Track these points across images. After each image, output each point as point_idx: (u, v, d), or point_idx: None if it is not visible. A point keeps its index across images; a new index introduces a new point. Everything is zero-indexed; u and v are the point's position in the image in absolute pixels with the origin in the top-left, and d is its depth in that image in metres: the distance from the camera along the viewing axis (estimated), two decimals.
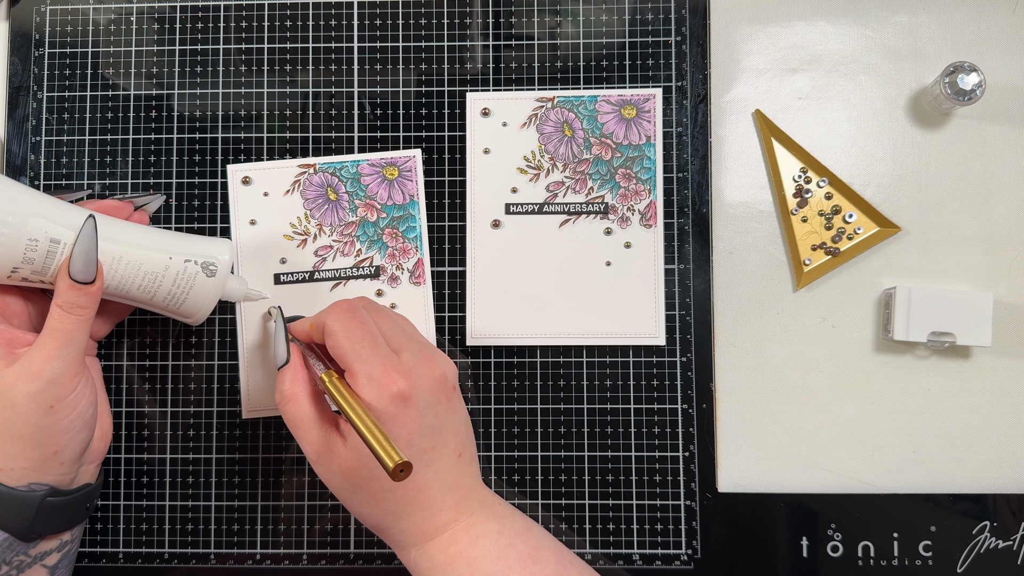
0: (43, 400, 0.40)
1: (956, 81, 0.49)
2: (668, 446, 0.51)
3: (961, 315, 0.49)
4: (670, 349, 0.51)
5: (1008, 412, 0.51)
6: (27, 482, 0.41)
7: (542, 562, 0.40)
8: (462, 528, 0.41)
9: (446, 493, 0.41)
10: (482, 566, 0.40)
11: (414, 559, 0.41)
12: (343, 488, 0.41)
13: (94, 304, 0.41)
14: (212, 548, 0.51)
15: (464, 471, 0.42)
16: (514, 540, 0.41)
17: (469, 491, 0.42)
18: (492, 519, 0.42)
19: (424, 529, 0.41)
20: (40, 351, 0.40)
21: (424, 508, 0.41)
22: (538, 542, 0.41)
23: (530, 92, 0.52)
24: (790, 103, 0.52)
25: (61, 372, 0.40)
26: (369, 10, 0.53)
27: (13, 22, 0.53)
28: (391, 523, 0.41)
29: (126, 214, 0.47)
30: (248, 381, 0.51)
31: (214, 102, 0.53)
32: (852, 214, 0.51)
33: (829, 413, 0.51)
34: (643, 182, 0.52)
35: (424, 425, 0.40)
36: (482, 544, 0.40)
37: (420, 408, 0.40)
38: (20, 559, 0.42)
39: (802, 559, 0.50)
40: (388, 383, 0.39)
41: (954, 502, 0.50)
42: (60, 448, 0.41)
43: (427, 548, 0.41)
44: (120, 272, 0.43)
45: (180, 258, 0.44)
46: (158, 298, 0.45)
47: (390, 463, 0.36)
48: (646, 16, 0.53)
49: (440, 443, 0.41)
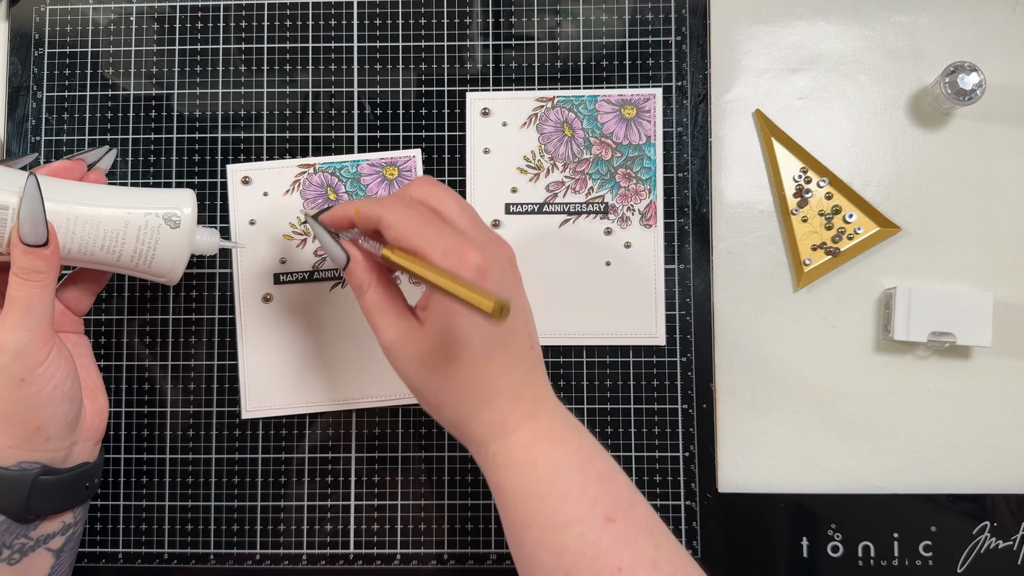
0: (12, 373, 0.39)
1: (956, 81, 0.49)
2: (668, 446, 0.51)
3: (961, 315, 0.49)
4: (670, 349, 0.51)
5: (1008, 412, 0.51)
6: (15, 461, 0.40)
7: (617, 483, 0.39)
8: (544, 429, 0.40)
9: (524, 383, 0.40)
10: (564, 473, 0.38)
11: (492, 455, 0.39)
12: (419, 377, 0.39)
13: (52, 268, 0.40)
14: (212, 548, 0.51)
15: (537, 365, 0.41)
16: (593, 455, 0.40)
17: (543, 390, 0.41)
18: (571, 428, 0.40)
19: (505, 419, 0.39)
20: (3, 323, 0.39)
21: (504, 396, 0.39)
22: (611, 463, 0.40)
23: (530, 92, 0.52)
24: (790, 103, 0.52)
25: (27, 342, 0.39)
26: (369, 10, 0.53)
27: (13, 22, 0.53)
28: (471, 413, 0.39)
29: (78, 174, 0.45)
30: (248, 381, 0.51)
31: (214, 102, 0.53)
32: (852, 214, 0.51)
33: (829, 413, 0.51)
34: (643, 182, 0.52)
35: None
36: (565, 452, 0.39)
37: (496, 284, 0.38)
38: (21, 542, 0.41)
39: (802, 559, 0.50)
40: (463, 255, 0.37)
41: (954, 502, 0.50)
42: (42, 423, 0.40)
43: (508, 443, 0.39)
44: (79, 233, 0.42)
45: (140, 212, 0.43)
46: (124, 258, 0.43)
47: (488, 304, 0.33)
48: (646, 16, 0.53)
49: (515, 328, 0.40)
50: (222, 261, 0.52)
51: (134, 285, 0.52)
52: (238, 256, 0.52)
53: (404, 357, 0.39)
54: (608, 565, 0.37)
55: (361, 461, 0.51)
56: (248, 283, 0.52)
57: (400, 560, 0.51)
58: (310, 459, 0.51)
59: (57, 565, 0.44)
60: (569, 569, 0.37)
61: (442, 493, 0.51)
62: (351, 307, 0.52)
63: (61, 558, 0.44)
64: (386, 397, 0.51)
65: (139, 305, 0.52)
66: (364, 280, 0.40)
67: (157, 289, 0.52)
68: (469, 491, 0.51)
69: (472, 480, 0.51)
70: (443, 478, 0.51)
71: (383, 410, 0.51)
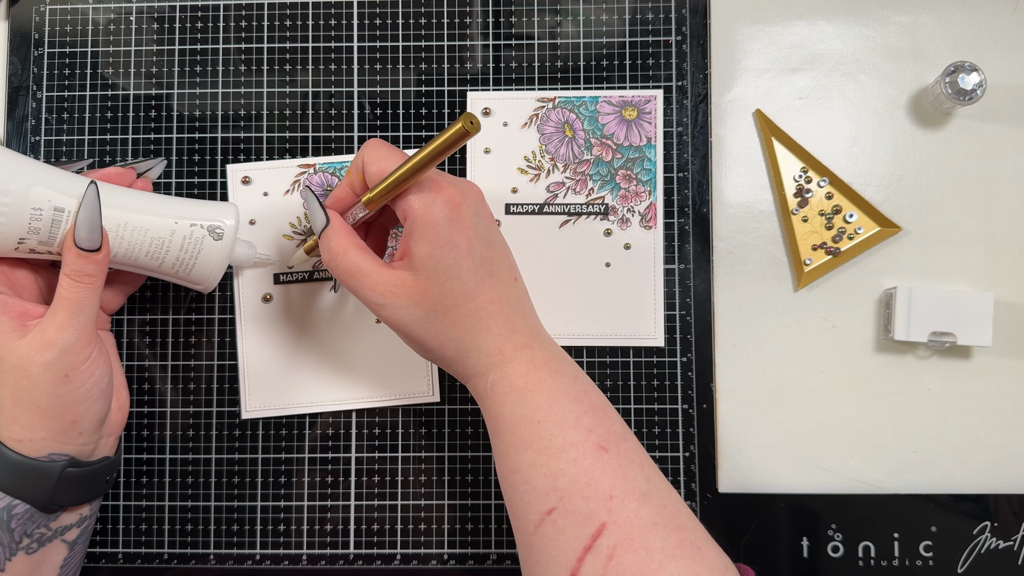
0: (58, 369, 0.40)
1: (957, 81, 0.49)
2: (668, 446, 0.51)
3: (962, 315, 0.49)
4: (670, 349, 0.51)
5: (1009, 412, 0.51)
6: (47, 452, 0.42)
7: (610, 418, 0.41)
8: (540, 359, 0.41)
9: (516, 314, 0.41)
10: (561, 401, 0.40)
11: (492, 383, 0.41)
12: (417, 321, 0.41)
13: (102, 272, 0.42)
14: (212, 548, 0.51)
15: (524, 297, 0.43)
16: (587, 389, 0.41)
17: (535, 323, 0.43)
18: (566, 362, 0.42)
19: (503, 348, 0.41)
20: (52, 321, 0.41)
21: (500, 325, 0.41)
22: (604, 399, 0.42)
23: (531, 92, 0.52)
24: (791, 103, 0.52)
25: (74, 340, 0.41)
26: (369, 10, 0.53)
27: (13, 22, 0.53)
28: (470, 343, 0.41)
29: (129, 181, 0.47)
30: (248, 381, 0.51)
31: (214, 102, 0.53)
32: (853, 214, 0.51)
33: (829, 413, 0.51)
34: (643, 184, 0.52)
35: (479, 231, 0.41)
36: (561, 381, 0.40)
37: (471, 215, 0.40)
38: (41, 532, 0.43)
39: (802, 559, 0.50)
40: (437, 189, 0.40)
41: (955, 502, 0.50)
42: (78, 417, 0.42)
43: (506, 372, 0.41)
44: (127, 239, 0.43)
45: (186, 222, 0.44)
46: (167, 264, 0.45)
47: (458, 126, 0.37)
48: (646, 16, 0.52)
49: (497, 257, 0.42)
50: None
51: None
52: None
53: (399, 307, 0.41)
54: (600, 491, 0.38)
55: (361, 461, 0.51)
56: (248, 283, 0.52)
57: (400, 560, 0.51)
58: (310, 459, 0.51)
59: (70, 557, 0.45)
60: (563, 493, 0.38)
61: (442, 493, 0.51)
62: (351, 307, 0.52)
63: (74, 550, 0.45)
64: (386, 397, 0.51)
65: (139, 305, 0.52)
66: (339, 246, 0.42)
67: (157, 289, 0.52)
68: (469, 491, 0.51)
69: (472, 480, 0.51)
70: (443, 478, 0.51)
71: (383, 410, 0.51)
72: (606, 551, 0.37)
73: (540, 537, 0.39)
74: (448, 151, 0.38)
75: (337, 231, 0.42)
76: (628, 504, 0.38)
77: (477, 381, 0.42)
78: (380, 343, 0.51)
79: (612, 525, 0.37)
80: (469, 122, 0.37)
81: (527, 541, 0.39)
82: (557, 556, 0.38)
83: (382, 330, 0.51)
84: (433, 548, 0.51)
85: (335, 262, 0.42)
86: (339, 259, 0.42)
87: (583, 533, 0.37)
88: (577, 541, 0.37)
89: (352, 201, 0.44)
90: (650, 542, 0.37)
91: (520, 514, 0.40)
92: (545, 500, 0.38)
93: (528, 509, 0.39)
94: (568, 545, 0.38)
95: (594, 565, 0.37)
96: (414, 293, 0.40)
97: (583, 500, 0.38)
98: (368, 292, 0.41)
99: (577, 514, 0.38)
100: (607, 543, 0.37)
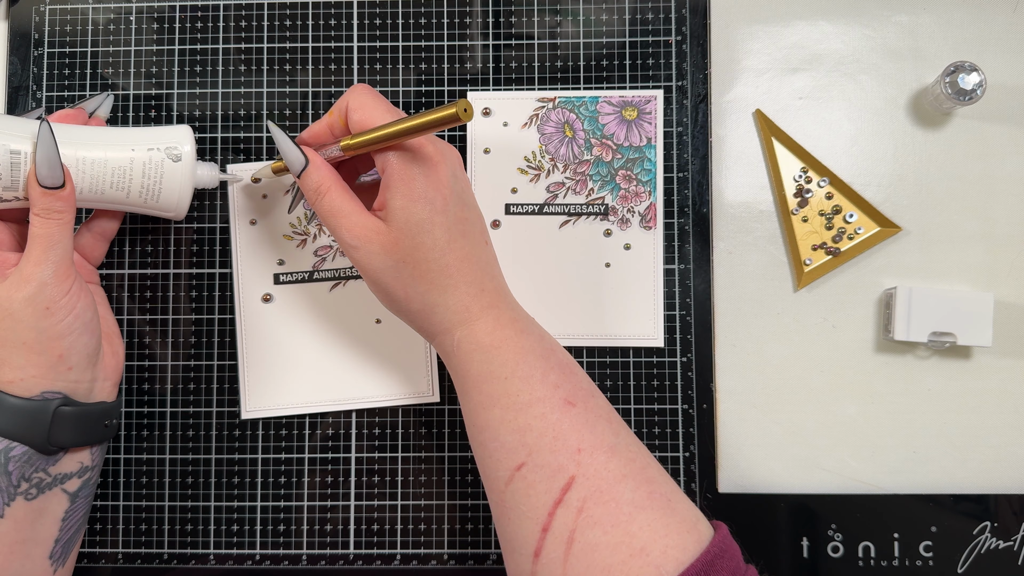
0: (38, 302, 0.41)
1: (957, 81, 0.49)
2: (668, 446, 0.51)
3: (962, 315, 0.49)
4: (670, 349, 0.51)
5: (1009, 412, 0.51)
6: (39, 391, 0.42)
7: (576, 375, 0.41)
8: (507, 318, 0.42)
9: (484, 275, 0.42)
10: (527, 358, 0.40)
11: (458, 340, 0.41)
12: (386, 269, 0.41)
13: (70, 208, 0.43)
14: (211, 548, 0.51)
15: (493, 260, 0.43)
16: (554, 347, 0.42)
17: (502, 285, 0.43)
18: (532, 323, 0.43)
19: (470, 306, 0.41)
20: (28, 258, 0.42)
21: (468, 284, 0.41)
22: (570, 358, 0.42)
23: (531, 92, 0.52)
24: (790, 103, 0.52)
25: (51, 273, 0.42)
26: (369, 10, 0.53)
27: (13, 22, 0.53)
28: (437, 298, 0.41)
29: (81, 121, 0.47)
30: (248, 381, 0.51)
31: (214, 102, 0.53)
32: (853, 214, 0.51)
33: (829, 413, 0.51)
34: (643, 184, 0.52)
35: (455, 191, 0.41)
36: (528, 339, 0.41)
37: (448, 175, 0.41)
38: (40, 476, 0.43)
39: (802, 559, 0.50)
40: (418, 146, 0.41)
41: (955, 502, 0.50)
42: (64, 351, 0.42)
43: (472, 329, 0.41)
44: (88, 173, 0.44)
45: (143, 147, 0.45)
46: (133, 194, 0.45)
47: (452, 110, 0.37)
48: (646, 16, 0.52)
49: (470, 218, 0.42)
50: (222, 261, 0.52)
51: (134, 284, 0.52)
52: (238, 256, 0.52)
53: (371, 252, 0.41)
54: (568, 445, 0.38)
55: (361, 461, 0.51)
56: (248, 283, 0.52)
57: (400, 560, 0.51)
58: (310, 459, 0.51)
59: (71, 511, 0.45)
60: (531, 447, 0.39)
61: (442, 493, 0.51)
62: (351, 307, 0.52)
63: (76, 503, 0.45)
64: (386, 397, 0.51)
65: (139, 305, 0.52)
66: (324, 182, 0.42)
67: (157, 289, 0.52)
68: (469, 491, 0.51)
69: (472, 480, 0.51)
70: (443, 478, 0.51)
71: (383, 410, 0.51)
72: (576, 504, 0.37)
73: (512, 493, 0.39)
74: (435, 129, 0.39)
75: (319, 168, 0.43)
76: (597, 457, 0.38)
77: (443, 339, 0.42)
78: (380, 343, 0.51)
79: (581, 478, 0.38)
80: (463, 109, 0.37)
81: (499, 499, 0.40)
82: (528, 512, 0.38)
83: (382, 330, 0.51)
84: (433, 548, 0.51)
85: (319, 201, 0.42)
86: (323, 198, 0.42)
87: (553, 487, 0.38)
88: (547, 495, 0.38)
89: (327, 139, 0.44)
90: (619, 494, 0.37)
91: (491, 472, 0.40)
92: (514, 456, 0.39)
93: (498, 466, 0.40)
94: (539, 500, 0.38)
95: (565, 518, 0.37)
96: (386, 242, 0.41)
97: (551, 454, 0.38)
98: (344, 233, 0.41)
99: (546, 468, 0.38)
100: (577, 496, 0.37)
